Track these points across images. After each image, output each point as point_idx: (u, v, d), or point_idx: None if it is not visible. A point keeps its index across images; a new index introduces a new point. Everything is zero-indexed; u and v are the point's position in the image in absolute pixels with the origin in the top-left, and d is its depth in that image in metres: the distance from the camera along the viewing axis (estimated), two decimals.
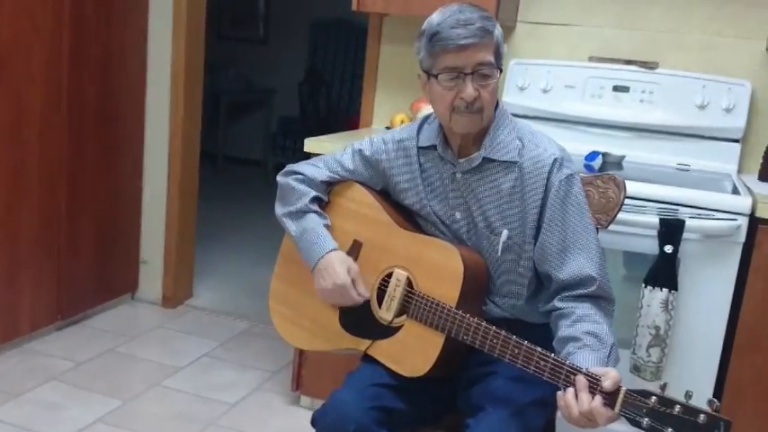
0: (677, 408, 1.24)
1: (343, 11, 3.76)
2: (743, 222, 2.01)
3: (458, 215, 1.63)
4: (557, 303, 1.54)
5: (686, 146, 2.53)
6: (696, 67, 2.53)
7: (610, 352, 1.45)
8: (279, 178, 1.81)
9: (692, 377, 2.09)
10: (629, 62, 2.60)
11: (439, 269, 1.56)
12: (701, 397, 2.09)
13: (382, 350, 1.61)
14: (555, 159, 1.55)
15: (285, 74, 6.69)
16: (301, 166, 1.79)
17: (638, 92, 2.57)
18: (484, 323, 1.47)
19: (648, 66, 2.58)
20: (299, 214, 1.72)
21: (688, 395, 1.26)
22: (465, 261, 1.53)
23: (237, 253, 4.39)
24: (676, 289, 2.03)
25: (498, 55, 1.52)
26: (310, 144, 2.46)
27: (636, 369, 2.09)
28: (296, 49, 6.81)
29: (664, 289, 2.03)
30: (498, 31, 1.52)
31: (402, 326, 1.59)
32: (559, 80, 2.63)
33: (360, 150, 1.74)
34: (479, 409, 1.51)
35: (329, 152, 1.82)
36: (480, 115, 1.53)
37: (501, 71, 1.54)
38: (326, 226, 1.71)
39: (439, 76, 1.51)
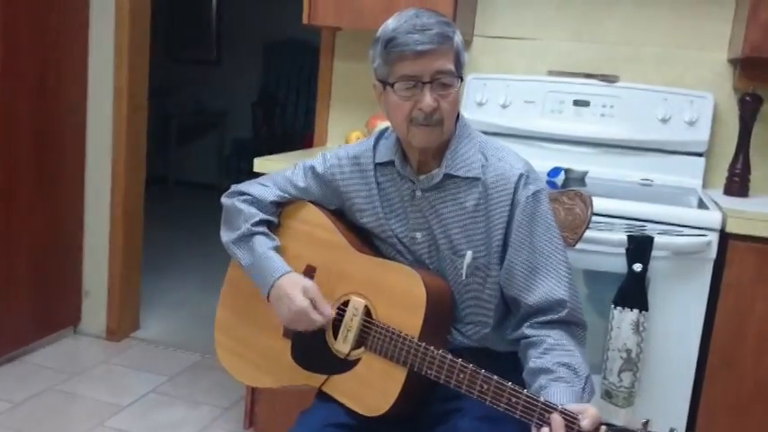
0: None
1: (296, 31, 3.64)
2: (713, 238, 1.93)
3: (419, 236, 1.51)
4: (525, 331, 1.43)
5: (649, 160, 2.46)
6: (657, 79, 2.48)
7: (585, 384, 1.34)
8: (223, 200, 1.67)
9: (666, 401, 2.00)
10: (588, 76, 2.53)
11: (399, 296, 1.43)
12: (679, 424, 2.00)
13: (338, 386, 1.47)
14: (521, 175, 1.45)
15: (238, 95, 6.55)
16: (248, 186, 1.65)
17: (598, 106, 2.50)
18: (449, 356, 1.34)
19: (608, 79, 2.51)
20: (246, 239, 1.59)
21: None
22: (428, 287, 1.41)
23: (187, 281, 4.20)
24: (647, 309, 1.93)
25: (459, 63, 1.41)
26: (260, 164, 2.32)
27: (608, 395, 1.99)
28: (249, 71, 6.68)
29: (634, 309, 1.93)
30: (458, 37, 1.41)
31: (360, 359, 1.46)
32: (518, 95, 2.55)
33: (312, 167, 1.62)
34: None
35: (280, 171, 1.68)
36: (440, 128, 1.42)
37: (462, 80, 1.43)
38: (276, 248, 1.58)
39: (395, 85, 1.40)
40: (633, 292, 1.94)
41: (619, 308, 1.95)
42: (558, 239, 1.46)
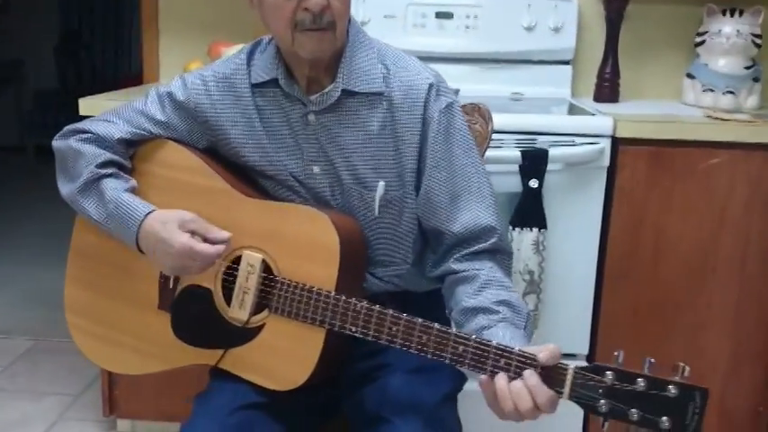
0: (640, 382, 0.99)
1: None
2: (606, 145, 1.84)
3: (316, 169, 1.26)
4: (453, 265, 1.24)
5: (517, 73, 2.33)
6: None
7: (526, 323, 1.18)
8: (56, 143, 1.31)
9: (568, 319, 1.92)
10: None
11: (306, 244, 1.18)
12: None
13: (239, 361, 1.21)
14: (431, 85, 1.23)
15: (35, 42, 5.75)
16: (88, 124, 1.30)
17: (462, 17, 2.32)
18: (377, 307, 1.12)
19: None
20: (91, 186, 1.25)
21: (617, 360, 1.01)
22: (338, 229, 1.17)
23: (4, 257, 3.64)
24: (546, 227, 1.82)
25: None
26: (87, 105, 1.92)
27: None
28: (45, 13, 5.87)
29: (533, 228, 1.82)
30: None
31: (263, 325, 1.20)
32: (377, 10, 2.31)
33: (169, 94, 1.29)
34: (380, 420, 1.17)
35: (126, 103, 1.34)
36: (332, 32, 1.16)
37: None
38: (131, 189, 1.26)
39: None
40: (531, 211, 1.82)
41: (517, 228, 1.83)
42: (478, 157, 1.27)
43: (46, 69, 5.71)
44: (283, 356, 1.18)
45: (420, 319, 1.10)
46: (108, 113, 1.31)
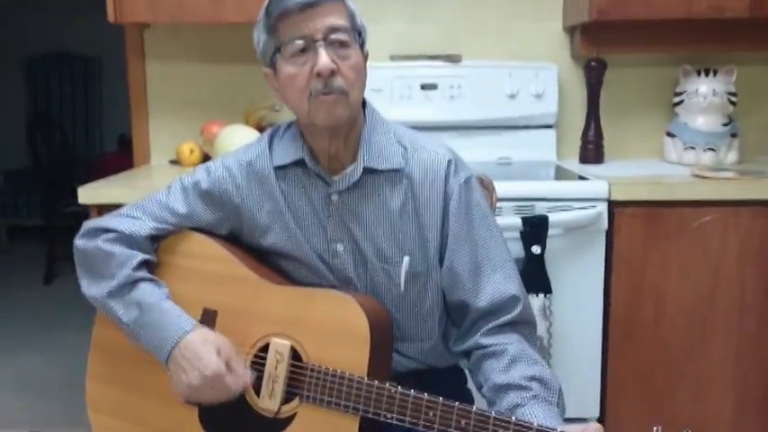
0: None
1: (62, 43, 3.12)
2: (602, 208, 1.88)
3: (340, 248, 1.27)
4: (480, 340, 1.24)
5: (503, 138, 2.39)
6: (499, 54, 2.41)
7: (559, 399, 1.19)
8: (79, 242, 1.30)
9: (578, 383, 1.92)
10: (432, 57, 2.41)
11: (334, 330, 1.18)
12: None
13: None
14: (449, 161, 1.26)
15: (4, 122, 5.73)
16: (111, 221, 1.30)
17: (446, 88, 2.38)
18: (412, 392, 1.12)
19: (452, 59, 2.40)
20: (126, 289, 1.24)
21: None
22: (367, 312, 1.17)
23: None
24: (551, 292, 1.85)
25: (355, 24, 1.21)
26: (87, 194, 1.92)
27: None
28: (14, 93, 5.87)
29: (539, 294, 1.84)
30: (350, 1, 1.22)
31: (294, 415, 1.18)
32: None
33: (195, 184, 1.30)
34: None
35: (148, 196, 1.34)
36: (346, 98, 1.18)
37: (364, 46, 1.23)
38: (168, 297, 1.25)
39: (283, 50, 1.17)
40: (535, 277, 1.84)
41: None
42: (497, 229, 1.29)
43: (16, 150, 5.67)
44: None
45: (457, 403, 1.09)
46: (131, 208, 1.32)
